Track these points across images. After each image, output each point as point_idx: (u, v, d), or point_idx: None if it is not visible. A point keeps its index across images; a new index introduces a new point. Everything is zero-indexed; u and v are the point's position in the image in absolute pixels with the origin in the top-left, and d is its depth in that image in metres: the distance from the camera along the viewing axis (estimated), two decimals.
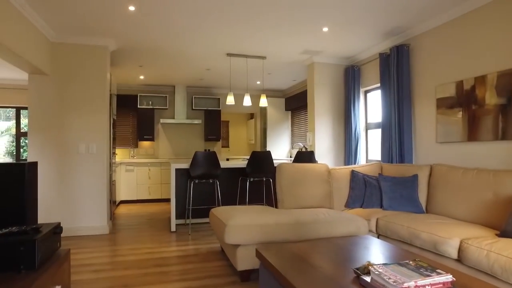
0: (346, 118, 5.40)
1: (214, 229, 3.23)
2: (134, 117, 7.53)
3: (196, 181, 4.48)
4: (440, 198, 3.20)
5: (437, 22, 3.80)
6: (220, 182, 5.02)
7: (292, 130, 8.07)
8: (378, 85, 4.90)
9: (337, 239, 2.40)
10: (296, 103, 7.40)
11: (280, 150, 8.01)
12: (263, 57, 5.34)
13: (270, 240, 2.77)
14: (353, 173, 3.83)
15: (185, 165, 4.55)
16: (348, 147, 5.32)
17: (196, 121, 7.56)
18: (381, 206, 3.54)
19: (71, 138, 4.39)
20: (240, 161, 5.82)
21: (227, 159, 8.37)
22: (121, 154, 7.53)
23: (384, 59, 4.55)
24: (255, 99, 8.18)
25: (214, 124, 7.86)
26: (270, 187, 5.30)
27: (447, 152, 3.71)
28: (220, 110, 7.90)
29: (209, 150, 8.04)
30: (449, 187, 3.12)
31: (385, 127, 4.51)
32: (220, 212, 3.18)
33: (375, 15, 3.73)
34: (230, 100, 5.29)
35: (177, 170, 4.74)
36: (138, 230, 4.59)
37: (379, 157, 5.08)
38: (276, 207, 5.31)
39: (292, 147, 7.90)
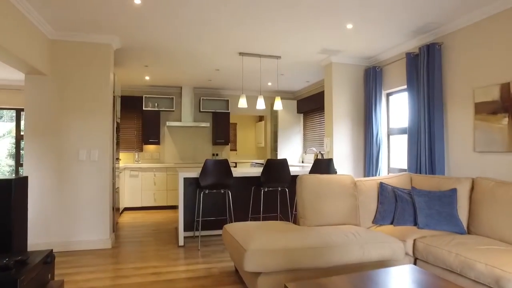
0: (367, 123, 5.01)
1: (229, 250, 2.86)
2: (139, 119, 7.20)
3: (207, 192, 4.12)
4: (486, 217, 2.81)
5: (476, 17, 3.40)
6: (231, 191, 4.65)
7: (304, 134, 7.67)
8: (403, 87, 4.52)
9: (376, 270, 2.03)
10: (310, 106, 7.00)
11: (292, 154, 7.61)
12: (278, 57, 4.96)
13: (296, 267, 2.40)
14: (382, 186, 3.44)
15: (194, 174, 4.19)
16: (368, 154, 4.92)
17: (203, 124, 7.20)
18: (415, 224, 3.14)
19: (71, 144, 4.03)
20: (249, 166, 5.45)
21: (235, 164, 8.00)
22: (125, 158, 7.18)
23: (412, 59, 4.16)
24: (266, 101, 7.82)
25: (222, 127, 7.48)
26: (285, 197, 4.92)
27: (488, 163, 3.31)
28: (229, 113, 7.52)
29: (217, 154, 7.68)
30: (499, 205, 2.72)
31: (413, 133, 4.12)
32: (236, 230, 2.81)
33: (410, 9, 3.34)
34: (243, 103, 4.91)
35: (185, 179, 4.38)
36: (143, 243, 4.23)
37: (402, 165, 4.68)
38: (293, 219, 4.93)
39: (305, 152, 7.50)
